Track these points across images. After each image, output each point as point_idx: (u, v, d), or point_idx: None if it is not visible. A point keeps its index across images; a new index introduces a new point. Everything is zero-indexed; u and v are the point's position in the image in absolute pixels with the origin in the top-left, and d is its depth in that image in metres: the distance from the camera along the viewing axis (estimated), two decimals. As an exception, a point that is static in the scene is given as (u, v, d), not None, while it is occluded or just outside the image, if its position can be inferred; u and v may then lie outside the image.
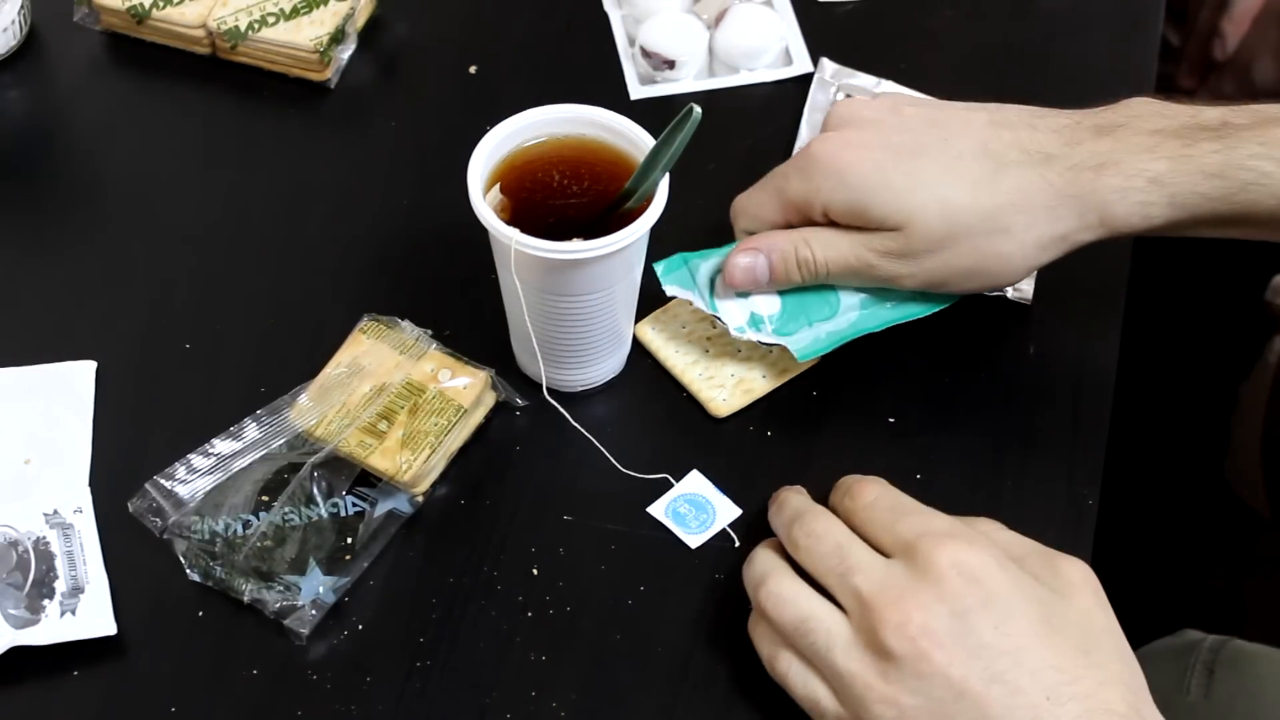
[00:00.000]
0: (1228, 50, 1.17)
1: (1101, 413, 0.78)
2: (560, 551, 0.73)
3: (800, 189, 0.73)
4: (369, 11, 0.95)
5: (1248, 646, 0.83)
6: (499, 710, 0.68)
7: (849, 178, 0.72)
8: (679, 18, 0.92)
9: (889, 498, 0.67)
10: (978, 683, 0.58)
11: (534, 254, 0.69)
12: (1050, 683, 0.58)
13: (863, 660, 0.61)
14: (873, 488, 0.67)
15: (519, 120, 0.73)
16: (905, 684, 0.59)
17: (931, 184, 0.71)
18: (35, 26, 0.94)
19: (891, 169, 0.71)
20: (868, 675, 0.60)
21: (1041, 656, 0.59)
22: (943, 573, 0.61)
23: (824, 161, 0.73)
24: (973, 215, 0.71)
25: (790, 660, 0.64)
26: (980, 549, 0.62)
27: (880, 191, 0.71)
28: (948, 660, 0.59)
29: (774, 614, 0.64)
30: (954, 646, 0.59)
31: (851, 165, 0.72)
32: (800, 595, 0.64)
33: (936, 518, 0.65)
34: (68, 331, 0.81)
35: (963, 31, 0.95)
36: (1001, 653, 0.59)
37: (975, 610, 0.59)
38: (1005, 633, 0.59)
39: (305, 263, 0.84)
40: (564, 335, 0.74)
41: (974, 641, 0.59)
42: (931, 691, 0.59)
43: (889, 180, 0.71)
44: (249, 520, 0.72)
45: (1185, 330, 1.30)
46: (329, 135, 0.91)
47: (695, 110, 0.67)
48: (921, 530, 0.63)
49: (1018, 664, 0.59)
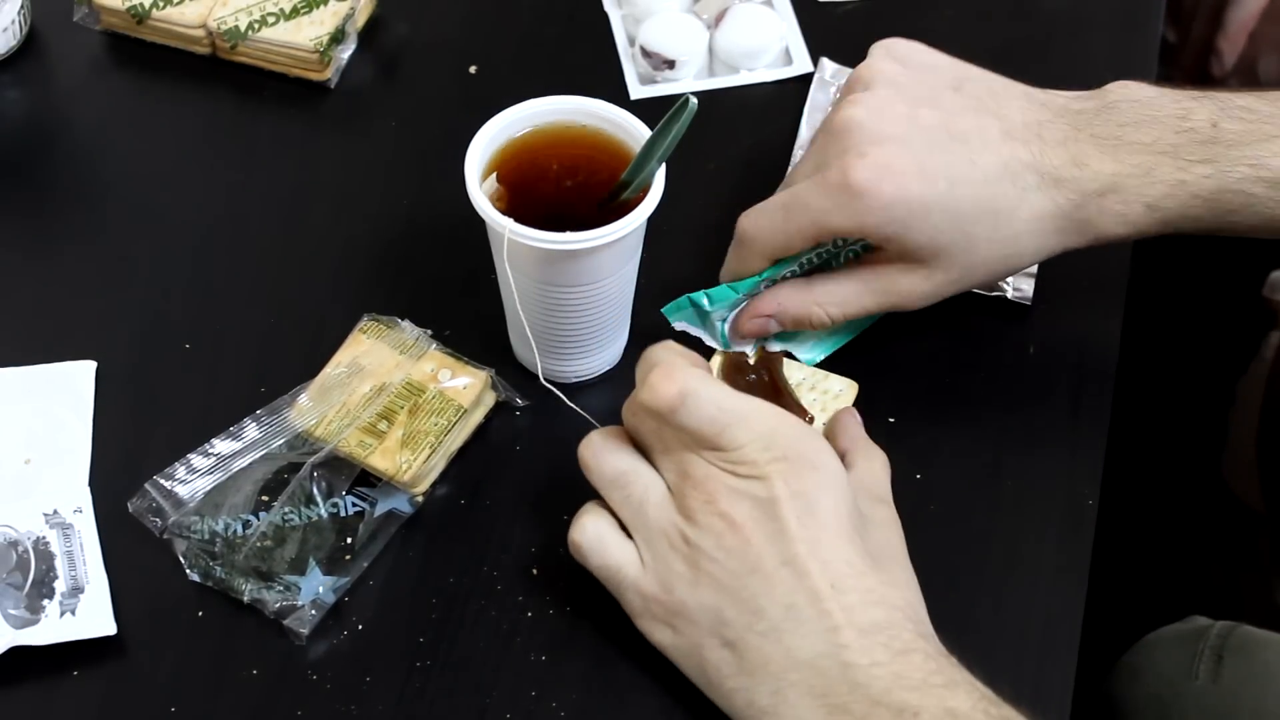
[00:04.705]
0: (1225, 67, 1.16)
1: (1101, 412, 0.78)
2: (560, 551, 0.73)
3: (840, 222, 0.72)
4: (369, 11, 0.95)
5: (1257, 633, 0.84)
6: (499, 710, 0.68)
7: (894, 212, 0.71)
8: (679, 17, 0.92)
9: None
10: (770, 562, 0.62)
11: (530, 244, 0.69)
12: (838, 574, 0.62)
13: (673, 519, 0.64)
14: (670, 392, 0.65)
15: (516, 111, 0.73)
16: (705, 550, 0.63)
17: (964, 221, 0.72)
18: (35, 26, 0.94)
19: (932, 202, 0.71)
20: (673, 535, 0.64)
21: (835, 549, 0.63)
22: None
23: (865, 193, 0.70)
24: (996, 248, 0.73)
25: (596, 519, 0.67)
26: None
27: (921, 229, 0.71)
28: (748, 537, 0.63)
29: (594, 464, 0.67)
30: (756, 528, 0.63)
31: (895, 199, 0.70)
32: (624, 451, 0.67)
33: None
34: (68, 331, 0.81)
35: (963, 31, 0.95)
36: (799, 540, 0.62)
37: (782, 501, 0.63)
38: (805, 524, 0.63)
39: (305, 263, 0.84)
40: (561, 326, 0.74)
41: (775, 527, 0.63)
42: (728, 562, 0.63)
43: (930, 219, 0.71)
44: (249, 520, 0.72)
45: (1183, 326, 1.30)
46: (329, 135, 0.91)
47: (691, 101, 0.68)
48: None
49: (811, 553, 0.62)
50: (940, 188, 0.71)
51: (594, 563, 0.67)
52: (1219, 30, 1.16)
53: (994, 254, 0.73)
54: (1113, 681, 0.88)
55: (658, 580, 0.65)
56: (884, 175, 0.70)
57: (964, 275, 0.74)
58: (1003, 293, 0.81)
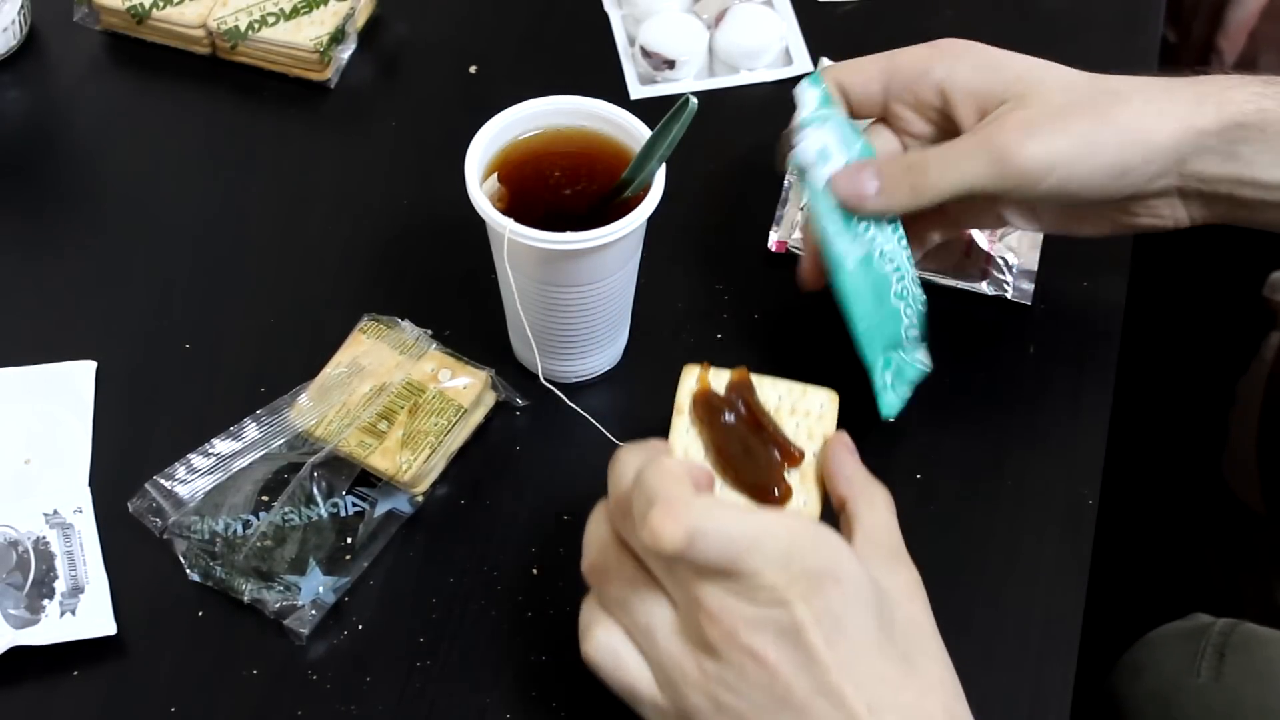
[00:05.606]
0: (1226, 67, 1.16)
1: (1101, 413, 0.78)
2: (560, 551, 0.73)
3: (917, 56, 0.73)
4: (369, 11, 0.95)
5: (1259, 630, 0.84)
6: (499, 710, 0.68)
7: (975, 52, 0.72)
8: (679, 18, 0.92)
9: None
10: (801, 693, 0.56)
11: (530, 244, 0.69)
12: (874, 694, 0.57)
13: (688, 651, 0.58)
14: (676, 536, 0.56)
15: (517, 111, 0.73)
16: (728, 684, 0.57)
17: (1053, 67, 0.72)
18: (35, 26, 0.94)
19: (1016, 55, 0.72)
20: (688, 668, 0.58)
21: (869, 666, 0.57)
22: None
23: (948, 41, 0.73)
24: (1091, 85, 0.71)
25: (609, 632, 0.60)
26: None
27: (1007, 65, 0.71)
28: (774, 670, 0.56)
29: (595, 585, 0.61)
30: (782, 658, 0.56)
31: (975, 45, 0.73)
32: (623, 571, 0.60)
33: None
34: (68, 331, 0.81)
35: (963, 31, 0.95)
36: (830, 665, 0.56)
37: (807, 627, 0.56)
38: (834, 646, 0.56)
39: (305, 263, 0.84)
40: (561, 326, 0.74)
41: (803, 655, 0.56)
42: (754, 695, 0.57)
43: (1014, 60, 0.72)
44: (249, 520, 0.72)
45: (1183, 326, 1.30)
46: (329, 135, 0.91)
47: (691, 101, 0.68)
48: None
49: (845, 676, 0.56)
50: (1023, 54, 0.72)
51: (610, 681, 0.61)
52: (1219, 29, 1.16)
53: (1095, 94, 0.70)
54: (1114, 679, 0.88)
55: (676, 711, 0.59)
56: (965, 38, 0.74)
57: (1064, 113, 0.69)
58: (1003, 293, 0.81)
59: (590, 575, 0.61)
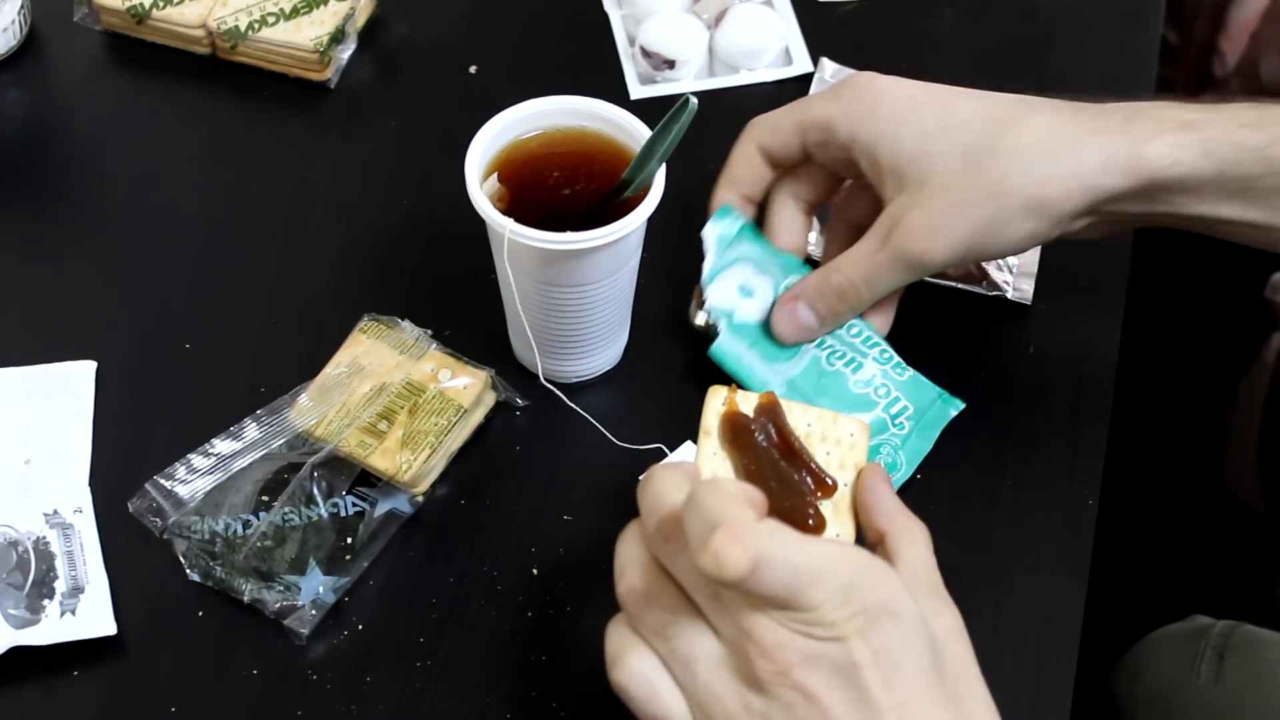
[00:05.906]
0: (1227, 68, 1.16)
1: (1101, 413, 0.78)
2: (560, 551, 0.73)
3: (822, 113, 0.73)
4: (369, 11, 0.95)
5: (1259, 632, 0.84)
6: (499, 710, 0.68)
7: (880, 108, 0.71)
8: (679, 17, 0.92)
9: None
10: None
11: (530, 244, 0.69)
12: None
13: (734, 686, 0.55)
14: (741, 562, 0.52)
15: (517, 111, 0.73)
16: (771, 719, 0.54)
17: (959, 127, 0.70)
18: (35, 26, 0.94)
19: (925, 105, 0.71)
20: (732, 704, 0.55)
21: (923, 709, 0.55)
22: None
23: (858, 85, 0.72)
24: (996, 156, 0.69)
25: (643, 659, 0.56)
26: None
27: (908, 129, 0.70)
28: (826, 709, 0.54)
29: (632, 611, 0.57)
30: (836, 698, 0.54)
31: (885, 94, 0.72)
32: (664, 597, 0.56)
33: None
34: (68, 331, 0.81)
35: (963, 31, 0.96)
36: (886, 708, 0.54)
37: (864, 666, 0.54)
38: (891, 687, 0.54)
39: (305, 263, 0.84)
40: (561, 326, 0.74)
41: (858, 695, 0.54)
42: None
43: (920, 119, 0.70)
44: (249, 520, 0.72)
45: (1184, 327, 1.30)
46: (329, 135, 0.91)
47: (691, 101, 0.68)
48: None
49: (901, 718, 0.54)
50: (938, 96, 0.71)
51: (641, 711, 0.57)
52: (1220, 30, 1.16)
53: (999, 167, 0.69)
54: (1114, 680, 0.88)
55: None
56: (880, 78, 0.73)
57: (964, 186, 0.69)
58: (1003, 293, 0.81)
59: (627, 598, 0.57)
